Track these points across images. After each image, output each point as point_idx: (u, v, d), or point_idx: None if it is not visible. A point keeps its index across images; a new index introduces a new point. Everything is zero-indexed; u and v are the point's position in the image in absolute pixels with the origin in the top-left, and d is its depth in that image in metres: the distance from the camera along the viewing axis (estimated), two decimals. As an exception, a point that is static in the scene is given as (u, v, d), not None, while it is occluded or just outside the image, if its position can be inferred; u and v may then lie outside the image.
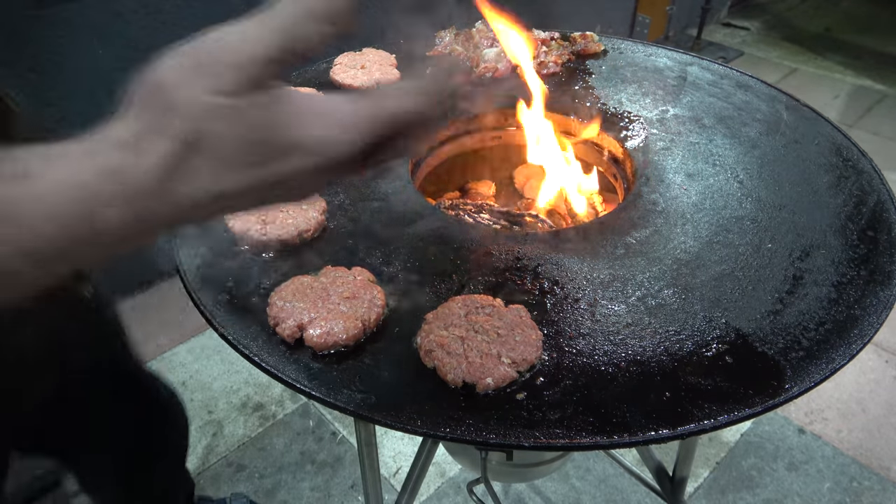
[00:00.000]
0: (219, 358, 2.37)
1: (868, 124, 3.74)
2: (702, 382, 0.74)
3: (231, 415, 2.17)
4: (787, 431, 2.08)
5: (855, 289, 0.87)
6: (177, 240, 0.98)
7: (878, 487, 1.92)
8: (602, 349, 0.79)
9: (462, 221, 1.09)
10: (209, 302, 0.87)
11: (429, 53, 1.49)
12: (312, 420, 2.15)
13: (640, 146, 1.19)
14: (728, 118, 1.25)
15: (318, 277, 0.88)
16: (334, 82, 1.39)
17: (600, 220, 1.02)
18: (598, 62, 1.47)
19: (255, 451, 2.06)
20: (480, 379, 0.74)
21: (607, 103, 1.32)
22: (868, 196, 1.04)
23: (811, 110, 1.26)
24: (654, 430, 0.69)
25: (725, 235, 0.97)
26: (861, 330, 0.81)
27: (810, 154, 1.15)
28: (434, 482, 1.96)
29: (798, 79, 4.24)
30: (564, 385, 0.75)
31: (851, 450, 2.02)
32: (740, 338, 0.80)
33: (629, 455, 1.90)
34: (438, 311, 0.83)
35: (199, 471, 2.00)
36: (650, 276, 0.90)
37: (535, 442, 0.68)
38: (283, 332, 0.80)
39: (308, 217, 0.99)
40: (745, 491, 1.91)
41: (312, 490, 1.95)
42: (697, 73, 1.40)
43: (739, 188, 1.07)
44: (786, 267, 0.91)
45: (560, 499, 1.91)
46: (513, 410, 0.72)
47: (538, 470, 1.28)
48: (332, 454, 2.05)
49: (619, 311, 0.84)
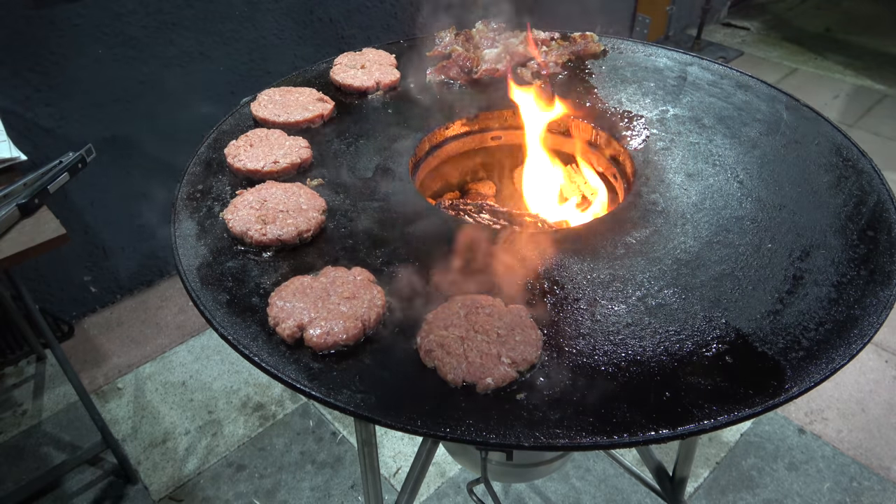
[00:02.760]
0: (219, 358, 2.37)
1: (868, 124, 3.74)
2: (702, 382, 0.74)
3: (231, 415, 2.17)
4: (787, 431, 2.08)
5: (855, 289, 0.87)
6: (177, 240, 0.98)
7: (878, 487, 1.92)
8: (602, 349, 0.79)
9: (462, 221, 1.09)
10: (209, 302, 0.87)
11: (429, 54, 1.49)
12: (312, 420, 2.15)
13: (640, 146, 1.19)
14: (728, 118, 1.25)
15: (318, 277, 0.88)
16: (334, 82, 1.39)
17: (600, 220, 1.02)
18: (598, 62, 1.47)
19: (255, 451, 2.06)
20: (480, 379, 0.74)
21: (607, 103, 1.32)
22: (868, 196, 1.04)
23: (811, 110, 1.26)
24: (654, 430, 0.69)
25: (725, 235, 0.97)
26: (861, 330, 0.81)
27: (810, 154, 1.15)
28: (434, 482, 1.96)
29: (798, 79, 4.24)
30: (564, 385, 0.75)
31: (851, 450, 2.02)
32: (740, 338, 0.80)
33: (629, 455, 1.90)
34: (438, 311, 0.83)
35: (199, 471, 2.00)
36: (650, 276, 0.90)
37: (535, 442, 0.68)
38: (283, 332, 0.80)
39: (308, 217, 0.99)
40: (745, 491, 1.91)
41: (312, 490, 1.95)
42: (697, 73, 1.40)
43: (739, 188, 1.07)
44: (786, 267, 0.91)
45: (560, 499, 1.91)
46: (513, 410, 0.72)
47: (538, 470, 1.28)
48: (332, 454, 2.04)
49: (619, 311, 0.84)
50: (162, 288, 2.67)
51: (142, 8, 2.11)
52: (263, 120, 1.25)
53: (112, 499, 1.93)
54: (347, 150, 1.20)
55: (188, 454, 2.05)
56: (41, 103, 2.04)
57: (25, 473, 1.99)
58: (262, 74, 2.51)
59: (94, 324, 2.52)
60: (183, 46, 2.25)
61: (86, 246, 2.39)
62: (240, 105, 1.32)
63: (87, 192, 2.29)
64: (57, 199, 2.13)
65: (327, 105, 1.29)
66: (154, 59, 2.22)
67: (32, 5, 1.90)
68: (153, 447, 2.08)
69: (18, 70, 1.96)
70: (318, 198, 1.04)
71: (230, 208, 1.01)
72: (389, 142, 1.21)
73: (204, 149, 1.20)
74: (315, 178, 1.11)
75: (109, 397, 2.24)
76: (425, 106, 1.33)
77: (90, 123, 2.18)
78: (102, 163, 2.25)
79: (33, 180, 1.47)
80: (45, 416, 2.17)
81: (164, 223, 1.03)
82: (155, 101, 2.29)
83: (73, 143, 2.10)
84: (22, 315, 2.16)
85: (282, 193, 1.04)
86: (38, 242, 1.36)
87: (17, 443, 2.08)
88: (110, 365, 2.36)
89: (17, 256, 1.34)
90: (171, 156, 2.40)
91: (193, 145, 1.21)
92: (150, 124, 2.32)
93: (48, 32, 1.96)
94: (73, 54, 2.04)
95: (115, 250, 2.49)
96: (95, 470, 1.99)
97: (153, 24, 2.16)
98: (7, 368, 2.33)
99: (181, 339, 2.46)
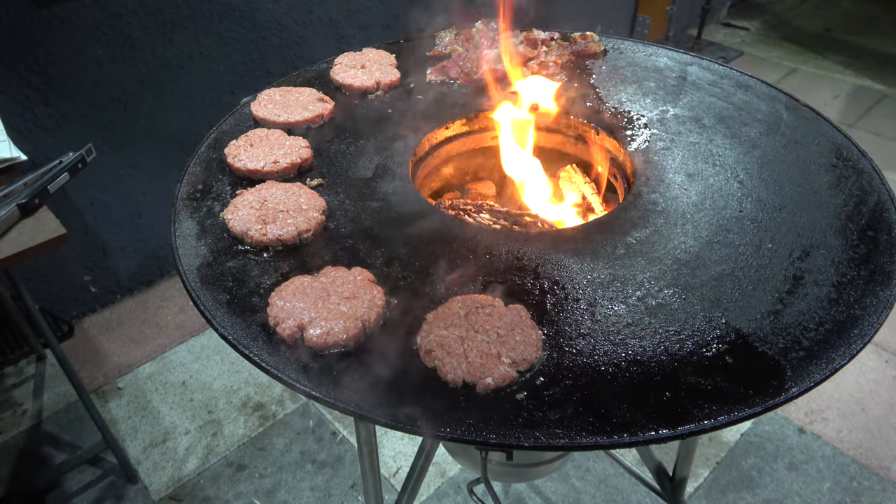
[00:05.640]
0: (219, 358, 2.37)
1: (868, 124, 3.74)
2: (702, 382, 0.74)
3: (231, 415, 2.17)
4: (787, 431, 2.08)
5: (855, 289, 0.87)
6: (177, 240, 0.98)
7: (878, 487, 1.92)
8: (602, 349, 0.79)
9: (462, 221, 1.09)
10: (209, 302, 0.87)
11: (429, 54, 1.49)
12: (312, 420, 2.15)
13: (640, 146, 1.19)
14: (728, 118, 1.25)
15: (318, 277, 0.88)
16: (334, 82, 1.39)
17: (600, 221, 1.02)
18: (598, 62, 1.47)
19: (255, 450, 2.06)
20: (480, 379, 0.74)
21: (607, 103, 1.32)
22: (868, 196, 1.04)
23: (811, 110, 1.26)
24: (654, 430, 0.69)
25: (725, 235, 0.97)
26: (861, 330, 0.81)
27: (810, 154, 1.15)
28: (434, 482, 1.96)
29: (798, 79, 4.24)
30: (564, 385, 0.75)
31: (851, 450, 2.02)
32: (740, 338, 0.80)
33: (629, 455, 1.90)
34: (438, 311, 0.83)
35: (199, 471, 2.00)
36: (650, 276, 0.90)
37: (535, 442, 0.68)
38: (283, 332, 0.80)
39: (308, 217, 0.99)
40: (745, 491, 1.91)
41: (312, 490, 1.95)
42: (697, 73, 1.40)
43: (739, 188, 1.07)
44: (786, 267, 0.91)
45: (560, 499, 1.91)
46: (513, 410, 0.72)
47: (538, 470, 1.28)
48: (332, 454, 2.05)
49: (620, 311, 0.84)
50: (162, 288, 2.67)
51: (142, 8, 2.11)
52: (263, 120, 1.25)
53: (112, 499, 1.93)
54: (347, 150, 1.20)
55: (188, 454, 2.05)
56: (41, 103, 2.04)
57: (25, 473, 1.99)
58: (262, 74, 2.51)
59: (94, 324, 2.52)
60: (182, 46, 2.25)
61: (86, 246, 2.39)
62: (240, 105, 1.32)
63: (87, 192, 2.29)
64: (57, 199, 2.13)
65: (327, 105, 1.29)
66: (154, 59, 2.22)
67: (32, 5, 1.90)
68: (153, 447, 2.08)
69: (18, 70, 1.96)
70: (318, 198, 1.04)
71: (230, 208, 1.01)
72: (389, 142, 1.21)
73: (204, 149, 1.20)
74: (315, 178, 1.11)
75: (109, 397, 2.24)
76: (425, 106, 1.33)
77: (90, 123, 2.18)
78: (102, 163, 2.25)
79: (33, 180, 1.47)
80: (45, 416, 2.17)
81: (164, 223, 1.03)
82: (155, 101, 2.29)
83: (73, 143, 2.10)
84: (22, 315, 2.16)
85: (282, 193, 1.04)
86: (38, 242, 1.36)
87: (17, 443, 2.08)
88: (110, 365, 2.36)
89: (17, 256, 1.34)
90: (171, 156, 2.40)
91: (193, 145, 1.21)
92: (150, 124, 2.32)
93: (48, 32, 1.96)
94: (73, 54, 2.04)
95: (115, 250, 2.49)
96: (95, 470, 1.99)
97: (153, 24, 2.16)
98: (7, 368, 2.33)
99: (181, 339, 2.46)
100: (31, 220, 1.41)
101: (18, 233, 1.38)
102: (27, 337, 2.29)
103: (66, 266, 2.38)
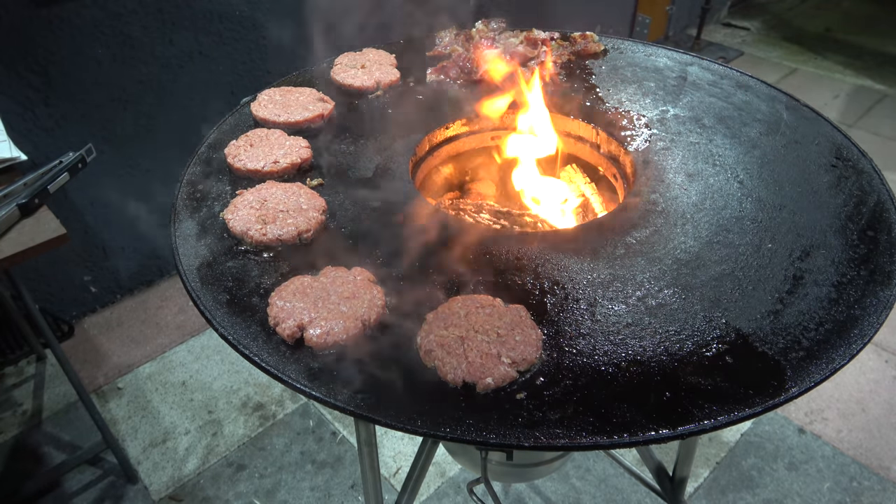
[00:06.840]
0: (219, 358, 2.37)
1: (868, 124, 3.74)
2: (702, 382, 0.74)
3: (231, 415, 2.17)
4: (787, 431, 2.08)
5: (855, 289, 0.87)
6: (177, 240, 0.98)
7: (878, 487, 1.92)
8: (602, 349, 0.79)
9: (462, 221, 1.09)
10: (209, 302, 0.87)
11: (429, 54, 1.49)
12: (312, 420, 2.15)
13: (640, 146, 1.19)
14: (728, 118, 1.25)
15: (318, 277, 0.88)
16: (334, 82, 1.39)
17: (600, 220, 1.02)
18: (598, 62, 1.47)
19: (255, 450, 2.06)
20: (480, 379, 0.74)
21: (607, 103, 1.32)
22: (868, 196, 1.04)
23: (811, 110, 1.26)
24: (654, 430, 0.69)
25: (725, 235, 0.97)
26: (861, 330, 0.81)
27: (810, 154, 1.15)
28: (434, 482, 1.96)
29: (798, 79, 4.24)
30: (564, 385, 0.75)
31: (851, 450, 2.02)
32: (740, 338, 0.80)
33: (629, 455, 1.90)
34: (438, 311, 0.83)
35: (199, 471, 2.00)
36: (650, 276, 0.90)
37: (535, 442, 0.68)
38: (283, 332, 0.80)
39: (308, 217, 0.99)
40: (745, 491, 1.91)
41: (312, 490, 1.95)
42: (697, 73, 1.40)
43: (739, 188, 1.07)
44: (786, 267, 0.91)
45: (560, 499, 1.91)
46: (513, 410, 0.72)
47: (538, 470, 1.28)
48: (332, 454, 2.04)
49: (619, 311, 0.84)
50: (162, 288, 2.67)
51: (142, 8, 2.11)
52: (263, 120, 1.25)
53: (112, 499, 1.93)
54: (347, 150, 1.20)
55: (188, 454, 2.05)
56: (41, 103, 2.04)
57: (25, 473, 1.99)
58: (262, 74, 2.51)
59: (94, 324, 2.52)
60: (182, 46, 2.25)
61: (86, 246, 2.39)
62: (240, 105, 1.32)
63: (87, 192, 2.29)
64: (57, 199, 2.13)
65: (327, 105, 1.29)
66: (154, 59, 2.22)
67: (32, 5, 1.90)
68: (153, 447, 2.08)
69: (18, 70, 1.96)
70: (318, 198, 1.04)
71: (230, 208, 1.01)
72: (389, 142, 1.21)
73: (204, 149, 1.20)
74: (315, 178, 1.11)
75: (109, 397, 2.24)
76: (425, 106, 1.33)
77: (90, 123, 2.18)
78: (102, 163, 2.25)
79: (33, 180, 1.47)
80: (45, 415, 2.17)
81: (164, 223, 1.03)
82: (155, 101, 2.29)
83: (73, 143, 2.10)
84: (22, 315, 2.16)
85: (282, 193, 1.04)
86: (38, 242, 1.36)
87: (17, 443, 2.08)
88: (110, 365, 2.36)
89: (17, 256, 1.34)
90: (171, 156, 2.40)
91: (193, 145, 1.21)
92: (149, 124, 2.32)
93: (48, 32, 1.96)
94: (72, 54, 2.04)
95: (115, 250, 2.49)
96: (95, 470, 1.99)
97: (153, 24, 2.16)
98: (7, 368, 2.33)
99: (181, 339, 2.46)
100: (31, 220, 1.41)
101: (18, 233, 1.38)
102: (27, 337, 2.29)
103: (66, 266, 2.38)
